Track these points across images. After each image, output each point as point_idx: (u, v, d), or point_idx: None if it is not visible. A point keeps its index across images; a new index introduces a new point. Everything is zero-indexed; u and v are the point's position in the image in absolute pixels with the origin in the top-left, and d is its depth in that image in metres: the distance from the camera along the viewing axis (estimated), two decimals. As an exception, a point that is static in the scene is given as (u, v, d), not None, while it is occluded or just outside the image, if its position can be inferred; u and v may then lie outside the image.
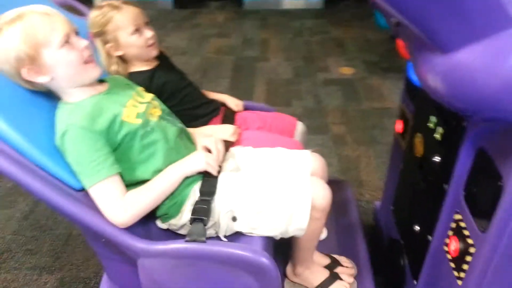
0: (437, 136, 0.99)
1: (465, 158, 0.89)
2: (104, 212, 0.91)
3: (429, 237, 1.06)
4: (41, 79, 0.93)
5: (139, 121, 0.99)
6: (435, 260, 1.04)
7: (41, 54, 0.90)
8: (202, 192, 1.01)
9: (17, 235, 1.78)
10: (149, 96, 1.10)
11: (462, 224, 0.90)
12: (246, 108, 1.50)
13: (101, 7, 1.22)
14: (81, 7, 1.40)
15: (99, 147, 0.91)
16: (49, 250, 1.71)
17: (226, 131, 1.25)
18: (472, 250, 0.84)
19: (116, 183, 0.93)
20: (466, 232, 0.88)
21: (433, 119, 1.02)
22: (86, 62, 0.96)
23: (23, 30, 0.88)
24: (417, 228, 1.15)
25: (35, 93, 0.98)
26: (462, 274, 0.88)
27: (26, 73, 0.91)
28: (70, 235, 1.77)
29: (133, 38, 1.23)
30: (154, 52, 1.29)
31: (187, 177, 1.02)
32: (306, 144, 1.54)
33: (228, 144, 1.20)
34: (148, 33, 1.26)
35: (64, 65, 0.93)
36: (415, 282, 1.15)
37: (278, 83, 3.11)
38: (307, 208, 1.00)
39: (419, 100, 1.17)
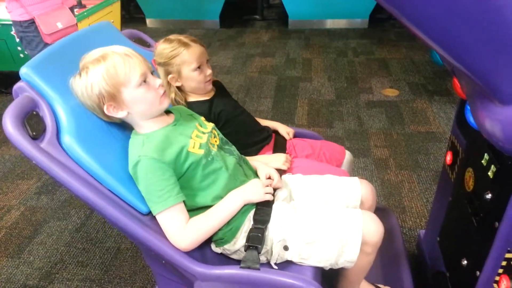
0: (490, 173, 0.99)
1: (519, 198, 0.89)
2: (169, 237, 0.99)
3: (478, 273, 1.05)
4: (120, 114, 1.02)
5: (202, 152, 1.05)
6: (484, 298, 1.03)
7: (121, 92, 0.99)
8: (256, 220, 1.06)
9: (69, 247, 1.90)
10: (210, 125, 1.17)
11: (515, 264, 0.90)
12: (296, 135, 1.55)
13: (171, 40, 1.33)
14: (148, 39, 1.52)
15: (167, 176, 0.99)
16: (99, 263, 1.81)
17: (279, 160, 1.30)
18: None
19: (181, 211, 1.00)
20: (518, 273, 0.88)
21: (486, 156, 1.02)
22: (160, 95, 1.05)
23: (106, 70, 0.98)
24: (465, 262, 1.14)
25: (110, 124, 1.07)
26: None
27: (106, 109, 1.01)
28: (118, 249, 1.87)
29: (195, 74, 1.34)
30: (209, 87, 1.41)
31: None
32: (352, 171, 1.57)
33: (280, 172, 1.25)
34: (208, 71, 1.36)
35: (141, 102, 1.02)
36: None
37: (320, 104, 3.14)
38: (358, 241, 1.02)
39: (472, 136, 1.17)
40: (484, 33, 0.61)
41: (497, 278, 0.96)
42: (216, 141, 1.14)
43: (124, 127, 1.10)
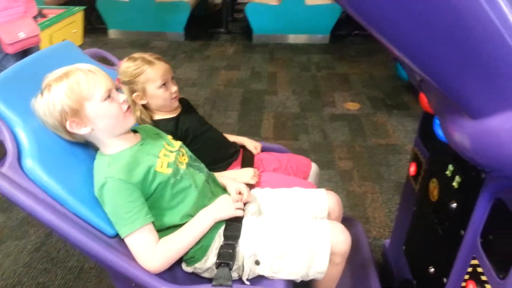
0: (455, 184, 1.05)
1: (482, 207, 0.94)
2: (138, 259, 0.96)
3: (444, 280, 1.10)
4: (83, 130, 0.99)
5: (170, 171, 1.04)
6: (451, 303, 1.08)
7: (84, 107, 0.97)
8: (226, 236, 1.06)
9: (29, 268, 1.79)
10: (178, 144, 1.16)
11: (479, 270, 0.94)
12: (262, 149, 1.57)
13: (135, 59, 1.32)
14: (112, 57, 1.50)
15: (135, 198, 0.97)
16: (61, 284, 1.72)
17: (247, 174, 1.32)
18: (490, 296, 0.88)
19: (150, 232, 0.98)
20: (483, 278, 0.92)
21: (451, 167, 1.08)
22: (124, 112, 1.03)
23: (68, 86, 0.96)
24: (432, 270, 1.19)
25: (74, 145, 1.04)
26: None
27: (69, 125, 0.98)
28: (82, 268, 1.79)
29: (160, 91, 1.33)
30: (175, 104, 1.41)
31: None
32: (318, 183, 1.60)
33: (249, 187, 1.25)
34: (173, 88, 1.36)
35: (104, 117, 1.00)
36: (430, 323, 1.18)
37: (285, 117, 3.19)
38: (327, 252, 1.05)
39: (436, 149, 1.23)
40: (450, 46, 0.64)
41: (463, 284, 1.01)
42: (184, 159, 1.14)
43: (89, 148, 1.07)
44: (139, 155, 1.03)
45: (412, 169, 1.44)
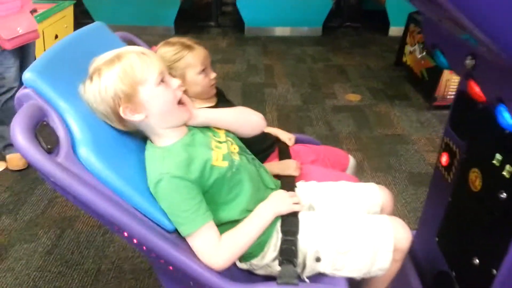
0: (506, 173, 1.03)
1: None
2: (202, 257, 0.91)
3: (494, 271, 1.08)
4: (137, 117, 0.93)
5: (226, 164, 0.99)
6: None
7: (138, 92, 0.91)
8: (284, 232, 1.01)
9: (42, 272, 1.71)
10: (222, 132, 1.10)
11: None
12: (296, 141, 1.52)
13: (173, 43, 1.25)
14: (141, 43, 1.43)
15: (193, 195, 0.91)
16: (79, 287, 1.65)
17: (290, 166, 1.26)
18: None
19: (210, 230, 0.93)
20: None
21: (499, 156, 1.06)
22: (180, 103, 0.98)
23: (122, 69, 0.90)
24: (476, 261, 1.17)
25: (124, 134, 0.98)
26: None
27: (122, 111, 0.91)
28: (99, 270, 1.72)
29: (200, 78, 1.27)
30: (213, 91, 1.34)
31: None
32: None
33: (293, 179, 1.21)
34: (213, 74, 1.30)
35: (159, 103, 0.94)
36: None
37: (288, 109, 3.15)
38: (390, 248, 1.02)
39: (476, 137, 1.21)
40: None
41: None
42: (235, 148, 1.07)
43: (138, 138, 1.01)
44: (193, 148, 0.97)
45: (444, 159, 1.41)
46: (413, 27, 3.51)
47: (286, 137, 1.49)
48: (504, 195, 1.04)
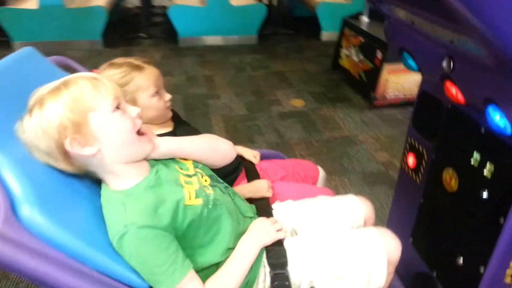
0: (486, 173, 1.03)
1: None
2: None
3: (482, 268, 1.08)
4: (87, 151, 0.79)
5: (200, 201, 0.87)
6: (492, 290, 1.06)
7: (88, 120, 0.78)
8: (273, 265, 0.92)
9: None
10: (190, 163, 0.97)
11: (531, 255, 0.93)
12: (260, 158, 1.44)
13: (119, 64, 1.11)
14: (78, 67, 1.26)
15: (167, 245, 0.79)
16: None
17: (262, 187, 1.17)
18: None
19: (192, 281, 0.81)
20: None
21: (477, 156, 1.06)
22: (140, 133, 0.85)
23: (69, 96, 0.77)
24: (461, 260, 1.17)
25: (71, 177, 0.83)
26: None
27: (69, 144, 0.77)
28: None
29: (153, 101, 1.15)
30: (170, 114, 1.22)
31: None
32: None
33: (268, 201, 1.12)
34: (167, 95, 1.20)
35: (114, 132, 0.81)
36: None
37: (235, 120, 3.07)
38: (384, 264, 0.97)
39: (447, 137, 1.21)
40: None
41: (509, 271, 1.00)
42: (206, 180, 0.96)
43: (89, 180, 0.86)
44: (159, 188, 0.84)
45: (411, 161, 1.42)
46: (348, 31, 3.62)
47: (251, 154, 1.40)
48: (485, 194, 1.05)
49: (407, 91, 3.16)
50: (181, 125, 1.28)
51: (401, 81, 3.11)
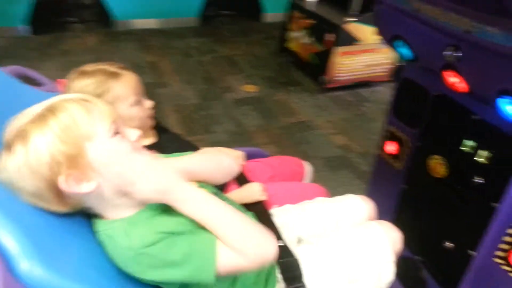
0: (481, 159, 1.05)
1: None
2: (248, 265, 0.72)
3: (471, 252, 1.12)
4: (86, 187, 0.68)
5: None
6: (482, 272, 1.10)
7: (85, 151, 0.67)
8: (288, 279, 0.88)
9: None
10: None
11: (525, 238, 0.97)
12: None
13: (92, 73, 0.98)
14: (38, 76, 1.09)
15: (186, 237, 0.72)
16: None
17: (254, 191, 1.10)
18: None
19: (219, 244, 0.72)
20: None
21: (470, 143, 1.08)
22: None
23: (60, 125, 0.66)
24: (449, 244, 1.20)
25: (60, 217, 0.72)
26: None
27: (65, 182, 0.66)
28: None
29: (134, 110, 1.05)
30: (151, 123, 1.10)
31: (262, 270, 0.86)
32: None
33: (263, 205, 1.06)
34: (148, 102, 1.09)
35: (116, 162, 0.70)
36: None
37: (188, 109, 2.94)
38: (391, 259, 0.98)
39: (434, 125, 1.22)
40: None
41: (499, 253, 1.04)
42: None
43: (76, 216, 0.75)
44: (166, 212, 0.75)
45: (393, 148, 1.43)
46: (296, 13, 3.58)
47: (234, 155, 1.31)
48: (478, 180, 1.07)
49: (356, 72, 3.23)
50: (165, 134, 1.18)
51: (351, 62, 3.16)
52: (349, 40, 3.06)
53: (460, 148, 1.10)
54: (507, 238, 1.02)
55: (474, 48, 0.87)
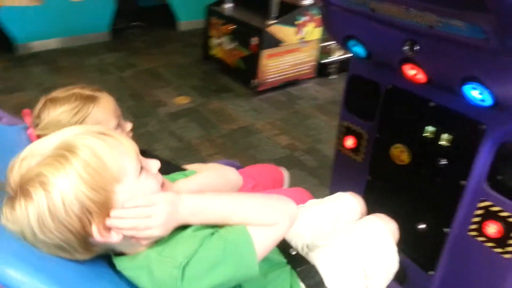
0: (444, 142, 1.14)
1: (485, 155, 1.06)
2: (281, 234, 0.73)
3: (446, 229, 1.21)
4: (115, 237, 0.62)
5: None
6: (459, 247, 1.20)
7: (115, 195, 0.61)
8: (311, 286, 0.88)
9: None
10: None
11: (494, 209, 1.07)
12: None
13: (65, 99, 0.89)
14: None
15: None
16: None
17: None
18: (521, 225, 1.02)
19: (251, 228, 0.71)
20: (504, 214, 1.05)
21: (431, 128, 1.16)
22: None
23: (82, 165, 0.58)
24: (422, 226, 1.28)
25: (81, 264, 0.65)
26: (510, 248, 1.06)
27: (97, 233, 0.60)
28: None
29: None
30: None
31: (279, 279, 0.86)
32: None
33: None
34: (128, 125, 1.03)
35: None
36: (431, 273, 1.28)
37: (121, 130, 2.77)
38: (395, 249, 1.03)
39: (390, 116, 1.29)
40: None
41: (472, 226, 1.13)
42: None
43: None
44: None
45: (350, 142, 1.48)
46: (215, 19, 3.56)
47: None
48: (443, 161, 1.16)
49: (283, 72, 3.31)
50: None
51: (278, 64, 3.23)
52: (274, 42, 3.13)
53: (423, 134, 1.18)
54: (479, 211, 1.12)
55: (438, 42, 0.94)
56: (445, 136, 1.13)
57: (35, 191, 0.56)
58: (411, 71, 1.06)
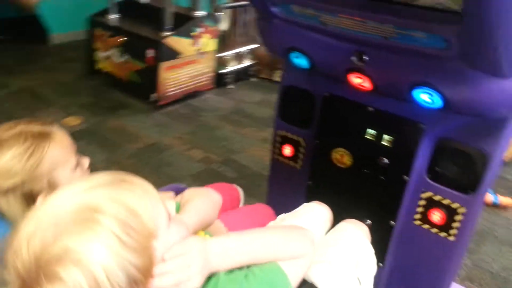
0: (385, 143, 1.22)
1: (425, 151, 1.17)
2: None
3: (392, 223, 1.30)
4: None
5: None
6: (406, 237, 1.30)
7: (153, 253, 0.53)
8: None
9: None
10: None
11: (437, 198, 1.19)
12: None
13: (12, 140, 0.72)
14: None
15: None
16: None
17: (218, 228, 0.99)
18: (461, 210, 1.15)
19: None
20: (446, 202, 1.18)
21: (371, 131, 1.23)
22: None
23: (118, 224, 0.49)
24: (368, 222, 1.36)
25: None
26: (454, 231, 1.19)
27: None
28: None
29: (77, 173, 0.83)
30: None
31: None
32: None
33: None
34: (86, 160, 0.90)
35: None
36: (381, 264, 1.37)
37: None
38: (372, 248, 1.08)
39: (329, 122, 1.33)
40: None
41: (417, 216, 1.24)
42: None
43: None
44: None
45: (288, 151, 1.50)
46: (100, 31, 3.30)
47: (167, 198, 1.15)
48: (386, 160, 1.24)
49: (184, 84, 3.22)
50: None
51: (177, 76, 3.13)
52: (171, 54, 3.02)
53: (364, 137, 1.25)
54: (422, 202, 1.23)
55: (390, 52, 1.00)
56: (386, 137, 1.22)
57: (66, 270, 0.43)
58: (357, 80, 1.12)
